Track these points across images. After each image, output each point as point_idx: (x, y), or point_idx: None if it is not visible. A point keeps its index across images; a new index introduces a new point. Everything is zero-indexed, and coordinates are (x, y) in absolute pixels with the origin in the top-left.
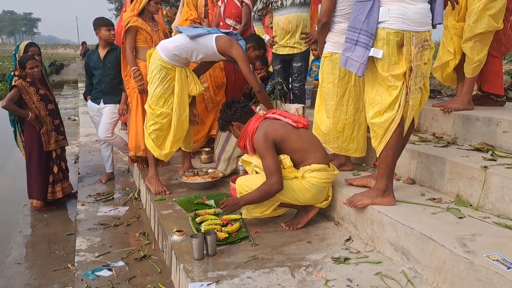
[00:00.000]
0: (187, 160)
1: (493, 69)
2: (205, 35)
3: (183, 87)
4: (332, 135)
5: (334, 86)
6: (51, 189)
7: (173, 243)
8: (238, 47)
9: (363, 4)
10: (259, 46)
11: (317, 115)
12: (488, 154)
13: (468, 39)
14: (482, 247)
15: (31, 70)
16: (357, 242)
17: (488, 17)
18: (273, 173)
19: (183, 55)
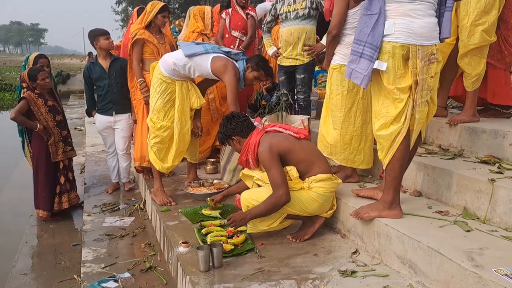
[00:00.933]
0: (193, 170)
1: (500, 82)
2: (201, 55)
3: (183, 101)
4: (339, 146)
5: (343, 98)
6: (57, 200)
7: (179, 254)
8: (230, 74)
9: (369, 17)
10: (259, 68)
11: (323, 127)
12: (495, 166)
13: (463, 55)
14: (491, 261)
15: (42, 81)
16: (364, 255)
17: (481, 32)
18: (280, 185)
19: (181, 71)
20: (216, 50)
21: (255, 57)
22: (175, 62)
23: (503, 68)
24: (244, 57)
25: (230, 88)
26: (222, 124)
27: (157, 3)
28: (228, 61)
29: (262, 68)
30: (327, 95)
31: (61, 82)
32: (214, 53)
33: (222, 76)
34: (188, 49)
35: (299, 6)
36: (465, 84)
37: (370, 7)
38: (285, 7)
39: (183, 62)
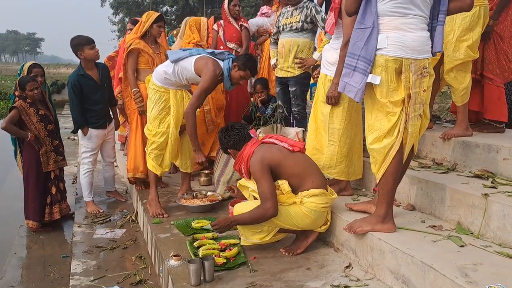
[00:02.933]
0: (186, 182)
1: (493, 97)
2: (186, 58)
3: (178, 107)
4: (336, 159)
5: (344, 111)
6: (48, 210)
7: (170, 267)
8: (209, 69)
9: (362, 31)
10: (245, 67)
11: (315, 140)
12: (488, 181)
13: (449, 70)
14: (484, 277)
15: (31, 92)
16: (357, 270)
17: (465, 48)
18: (268, 199)
19: (172, 78)
20: (201, 52)
21: (242, 57)
22: (165, 70)
23: (500, 83)
24: (230, 56)
25: (203, 80)
26: (219, 137)
27: (153, 13)
28: (210, 59)
29: (249, 67)
30: (317, 108)
31: (56, 91)
32: (198, 55)
33: (201, 72)
34: (174, 55)
35: (294, 19)
36: (454, 99)
37: (363, 20)
38: (283, 20)
39: (171, 69)
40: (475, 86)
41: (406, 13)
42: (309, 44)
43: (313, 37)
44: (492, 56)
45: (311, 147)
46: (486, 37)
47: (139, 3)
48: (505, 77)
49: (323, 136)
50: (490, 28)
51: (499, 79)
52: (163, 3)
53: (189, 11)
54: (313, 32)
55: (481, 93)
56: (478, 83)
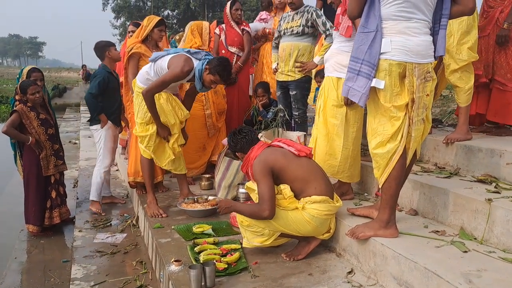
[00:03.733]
0: (184, 185)
1: (503, 101)
2: (163, 57)
3: (163, 109)
4: (348, 163)
5: (357, 113)
6: (48, 215)
7: (171, 273)
8: (178, 63)
9: (366, 35)
10: (215, 72)
11: (328, 145)
12: (491, 186)
13: (454, 71)
14: (488, 283)
15: (32, 95)
16: (359, 275)
17: (467, 50)
18: (266, 201)
19: (154, 79)
20: (178, 51)
21: (215, 60)
22: (147, 71)
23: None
24: (206, 57)
25: (170, 71)
26: (228, 141)
27: (154, 17)
28: (183, 56)
29: (218, 72)
30: (327, 113)
31: (58, 95)
32: (175, 53)
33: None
34: (154, 55)
35: (295, 23)
36: (459, 100)
37: (367, 24)
38: (285, 24)
39: (151, 67)
40: (483, 90)
41: (410, 17)
42: (309, 48)
43: (314, 41)
44: (503, 60)
45: (323, 152)
46: (503, 40)
47: (140, 7)
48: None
49: (335, 140)
50: (505, 31)
51: (510, 84)
52: (165, 7)
53: (190, 15)
54: (314, 36)
55: (488, 96)
56: (486, 87)
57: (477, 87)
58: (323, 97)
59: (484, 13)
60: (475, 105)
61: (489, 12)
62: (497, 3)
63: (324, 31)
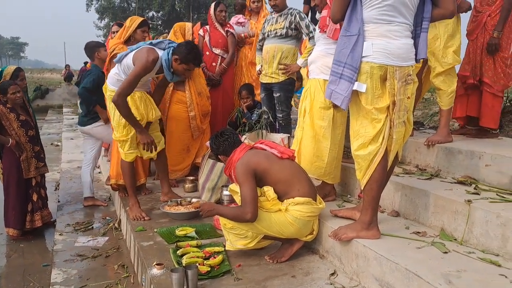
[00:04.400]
0: (165, 184)
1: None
2: (127, 54)
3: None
4: (334, 165)
5: (343, 115)
6: (29, 218)
7: (152, 277)
8: (141, 56)
9: (348, 39)
10: (187, 60)
11: (315, 147)
12: (471, 187)
13: (438, 74)
14: (468, 284)
15: (13, 95)
16: (342, 277)
17: (452, 53)
18: (248, 203)
19: (123, 79)
20: (140, 45)
21: (182, 47)
22: (116, 73)
23: (498, 90)
24: (170, 45)
25: (135, 67)
26: (210, 144)
27: (136, 18)
28: (144, 48)
29: (191, 60)
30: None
31: (40, 96)
32: (137, 48)
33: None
34: (118, 56)
35: (279, 26)
36: (441, 103)
37: (349, 28)
38: (269, 26)
39: (119, 69)
40: (473, 92)
41: (391, 21)
42: (293, 51)
43: (298, 43)
44: (490, 62)
45: (310, 154)
46: (493, 49)
47: (124, 8)
48: (502, 84)
49: (322, 142)
50: (495, 40)
51: (496, 86)
52: (149, 8)
53: (175, 16)
54: (298, 39)
55: (479, 99)
56: (476, 89)
57: (466, 88)
58: (309, 99)
59: (473, 17)
60: (465, 107)
61: (477, 17)
62: (484, 8)
63: (307, 34)
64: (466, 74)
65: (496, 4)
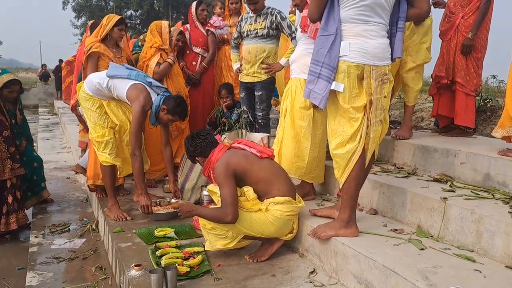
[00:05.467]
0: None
1: (462, 104)
2: (122, 78)
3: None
4: (315, 165)
5: (324, 115)
6: (4, 220)
7: (131, 278)
8: (138, 104)
9: (326, 38)
10: (174, 113)
11: (296, 147)
12: (447, 185)
13: (409, 70)
14: (444, 279)
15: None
16: (321, 275)
17: (425, 49)
18: (228, 205)
19: (105, 91)
20: (140, 79)
21: (172, 100)
22: (98, 82)
23: (470, 90)
24: (165, 94)
25: (134, 118)
26: (185, 146)
27: (113, 16)
28: (143, 92)
29: (178, 113)
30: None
31: None
32: (136, 81)
33: (132, 103)
34: (113, 70)
35: (259, 25)
36: (407, 99)
37: (327, 27)
38: (247, 25)
39: (106, 81)
40: (445, 91)
41: (368, 20)
42: (274, 50)
43: (278, 43)
44: (463, 63)
45: (291, 154)
46: (468, 50)
47: (102, 7)
48: (474, 84)
49: (303, 142)
50: (470, 41)
51: (468, 86)
52: (127, 7)
53: (154, 15)
54: (277, 38)
55: (452, 99)
56: (449, 88)
57: (438, 88)
58: (290, 99)
59: (446, 17)
60: (437, 106)
61: (451, 18)
62: (457, 10)
63: (289, 34)
64: (441, 75)
65: (469, 7)
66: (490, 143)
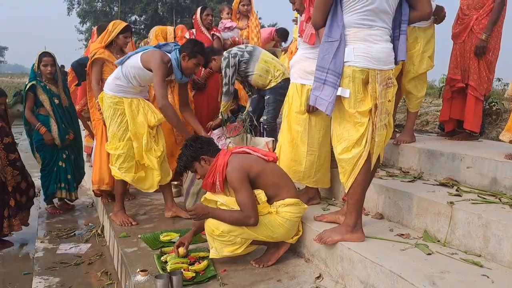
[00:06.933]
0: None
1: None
2: (131, 57)
3: (135, 119)
4: (314, 169)
5: (322, 119)
6: (7, 223)
7: (137, 283)
8: (155, 58)
9: (330, 44)
10: (195, 53)
11: (293, 152)
12: (453, 189)
13: (412, 79)
14: (451, 285)
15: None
16: (328, 280)
17: (427, 58)
18: (249, 209)
19: (124, 83)
20: (146, 48)
21: (188, 44)
22: (115, 77)
23: (480, 95)
24: (176, 47)
25: (155, 69)
26: (187, 145)
27: (120, 22)
28: (156, 51)
29: (199, 52)
30: (291, 120)
31: (20, 101)
32: (143, 51)
33: (149, 63)
34: (120, 59)
35: None
36: (410, 106)
37: (331, 33)
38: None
39: (120, 72)
40: (458, 95)
41: (372, 25)
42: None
43: None
44: (475, 66)
45: (288, 159)
46: (481, 52)
47: (107, 12)
48: (484, 88)
49: (300, 147)
50: (484, 43)
51: (480, 90)
52: (132, 13)
53: (158, 20)
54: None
55: (463, 102)
56: (462, 92)
57: (452, 92)
58: (288, 104)
59: (459, 19)
60: (449, 110)
61: (464, 20)
62: (471, 12)
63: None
64: (457, 78)
65: (483, 8)
66: (496, 147)
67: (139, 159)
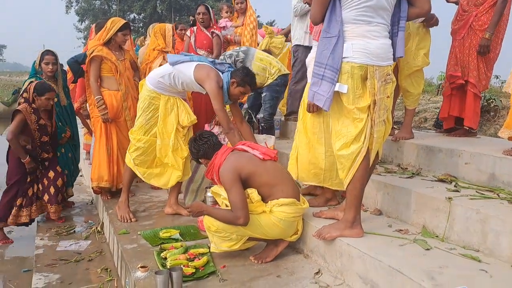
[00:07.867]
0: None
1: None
2: (185, 62)
3: (166, 118)
4: (335, 170)
5: None
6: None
7: (137, 279)
8: (211, 81)
9: (328, 40)
10: (244, 83)
11: (310, 153)
12: (451, 185)
13: (407, 76)
14: (450, 280)
15: (46, 100)
16: (327, 275)
17: (422, 55)
18: (239, 209)
19: (166, 82)
20: (202, 59)
21: (240, 71)
22: (159, 74)
23: (479, 91)
24: (230, 69)
25: (213, 95)
26: (189, 148)
27: (118, 20)
28: (211, 69)
29: (248, 83)
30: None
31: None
32: (199, 62)
33: (204, 83)
34: (174, 57)
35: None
36: (407, 103)
37: (329, 29)
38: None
39: (168, 71)
40: (457, 92)
41: (370, 21)
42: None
43: None
44: (475, 63)
45: (306, 161)
46: (485, 50)
47: (105, 10)
48: (484, 85)
49: (317, 148)
50: (487, 41)
51: (479, 87)
52: (130, 11)
53: (157, 18)
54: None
55: (462, 99)
56: (461, 89)
57: (452, 89)
58: (303, 105)
59: (459, 15)
60: (448, 107)
61: (463, 16)
62: (471, 8)
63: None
64: (458, 75)
65: (483, 6)
66: (494, 143)
67: (160, 156)
